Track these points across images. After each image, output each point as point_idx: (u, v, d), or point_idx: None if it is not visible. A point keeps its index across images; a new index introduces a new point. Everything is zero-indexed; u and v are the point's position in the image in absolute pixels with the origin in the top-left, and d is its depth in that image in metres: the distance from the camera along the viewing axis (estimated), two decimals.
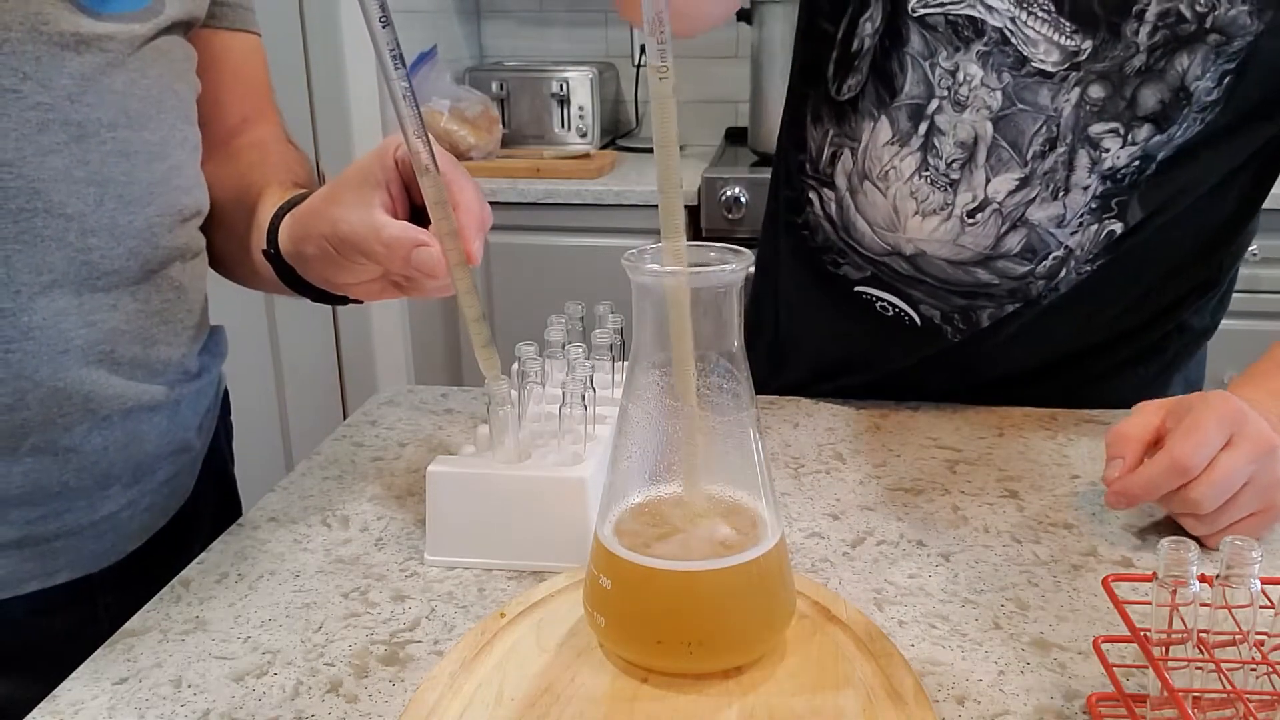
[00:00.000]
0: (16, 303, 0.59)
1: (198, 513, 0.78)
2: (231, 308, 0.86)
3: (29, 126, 0.58)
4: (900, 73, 0.79)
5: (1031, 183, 0.77)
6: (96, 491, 0.66)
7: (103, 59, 0.61)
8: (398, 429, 0.84)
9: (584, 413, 0.62)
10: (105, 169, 0.62)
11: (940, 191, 0.79)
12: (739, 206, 1.99)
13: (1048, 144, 0.76)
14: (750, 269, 0.48)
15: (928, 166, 0.79)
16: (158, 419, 0.69)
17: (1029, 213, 0.78)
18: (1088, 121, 0.75)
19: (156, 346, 0.68)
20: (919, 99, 0.79)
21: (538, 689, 0.49)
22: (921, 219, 0.80)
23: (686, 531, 0.50)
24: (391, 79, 0.54)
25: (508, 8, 2.57)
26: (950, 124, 0.78)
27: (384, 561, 0.64)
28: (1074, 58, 0.74)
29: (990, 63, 0.76)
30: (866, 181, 0.82)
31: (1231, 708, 0.44)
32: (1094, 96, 0.74)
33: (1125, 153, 0.76)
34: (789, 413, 0.85)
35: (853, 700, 0.48)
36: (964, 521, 0.68)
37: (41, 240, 0.60)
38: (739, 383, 0.48)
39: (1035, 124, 0.76)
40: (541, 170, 2.11)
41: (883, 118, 0.80)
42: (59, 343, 0.61)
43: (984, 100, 0.76)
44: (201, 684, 0.53)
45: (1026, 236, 0.78)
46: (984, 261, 0.80)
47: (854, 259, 0.86)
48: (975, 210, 0.78)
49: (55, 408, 0.62)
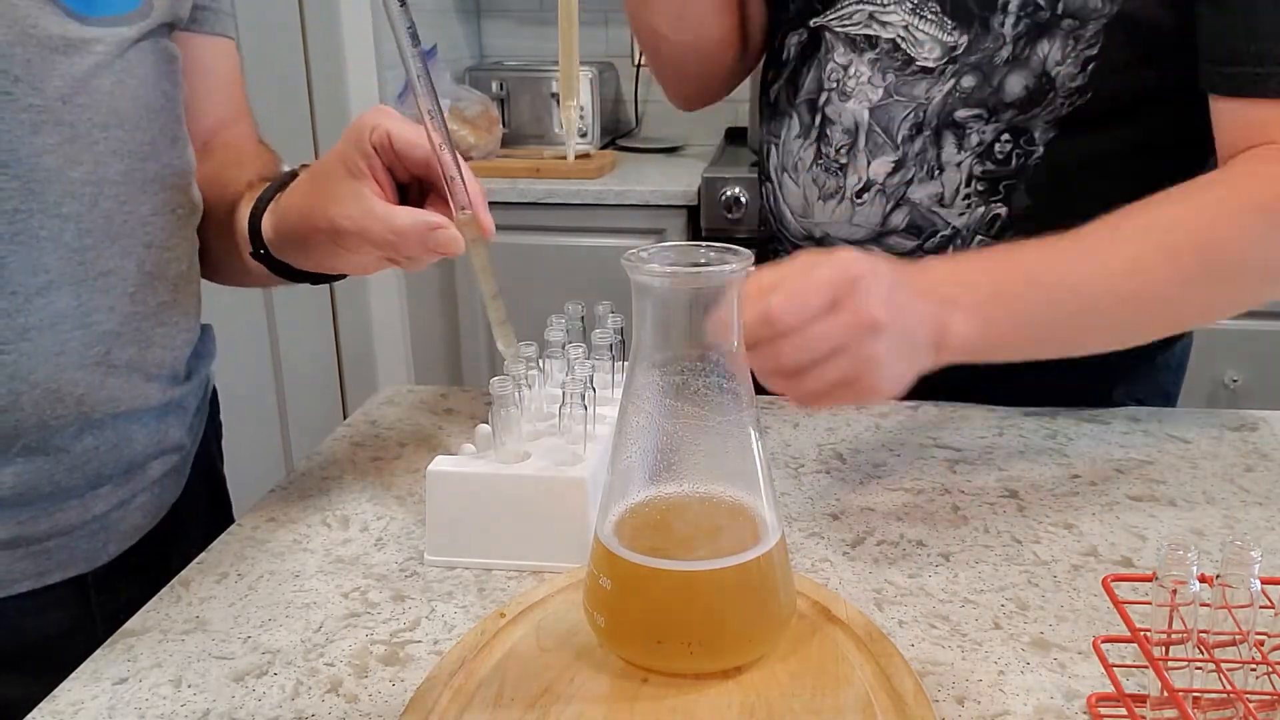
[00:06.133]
0: (13, 303, 0.59)
1: (189, 512, 0.78)
2: (231, 307, 0.86)
3: (23, 128, 0.59)
4: (805, 73, 0.88)
5: (906, 164, 0.82)
6: (87, 491, 0.66)
7: (92, 61, 0.62)
8: (398, 429, 0.84)
9: (584, 413, 0.62)
10: (99, 169, 0.63)
11: (833, 177, 0.85)
12: (739, 206, 1.99)
13: (914, 128, 0.81)
14: (750, 269, 0.48)
15: (821, 155, 0.86)
16: (148, 420, 0.70)
17: (909, 192, 0.83)
18: (954, 107, 0.80)
19: (152, 349, 0.68)
20: (812, 94, 0.87)
21: (538, 689, 0.49)
22: (823, 203, 0.87)
23: (686, 531, 0.50)
24: (408, 56, 0.57)
25: (508, 8, 2.57)
26: (837, 113, 0.85)
27: (384, 561, 0.64)
28: (951, 52, 0.80)
29: (878, 66, 0.83)
30: (784, 173, 0.90)
31: (1231, 708, 0.45)
32: (965, 86, 0.79)
33: (990, 128, 0.79)
34: (789, 413, 0.85)
35: (853, 700, 0.48)
36: (964, 521, 0.68)
37: (38, 241, 0.60)
38: (739, 383, 0.48)
39: (905, 111, 0.82)
40: (541, 170, 2.11)
41: (793, 114, 0.89)
42: (55, 344, 0.61)
43: (866, 94, 0.83)
44: (201, 684, 0.53)
45: (910, 215, 0.83)
46: (876, 239, 0.85)
47: (786, 245, 0.93)
48: (862, 190, 0.84)
49: (49, 409, 0.62)
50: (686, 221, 2.05)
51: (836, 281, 0.57)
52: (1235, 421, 0.82)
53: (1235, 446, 0.78)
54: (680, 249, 0.48)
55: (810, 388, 0.59)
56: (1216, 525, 0.67)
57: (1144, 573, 0.51)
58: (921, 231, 0.84)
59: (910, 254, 0.84)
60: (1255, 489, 0.72)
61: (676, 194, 2.03)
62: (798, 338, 0.56)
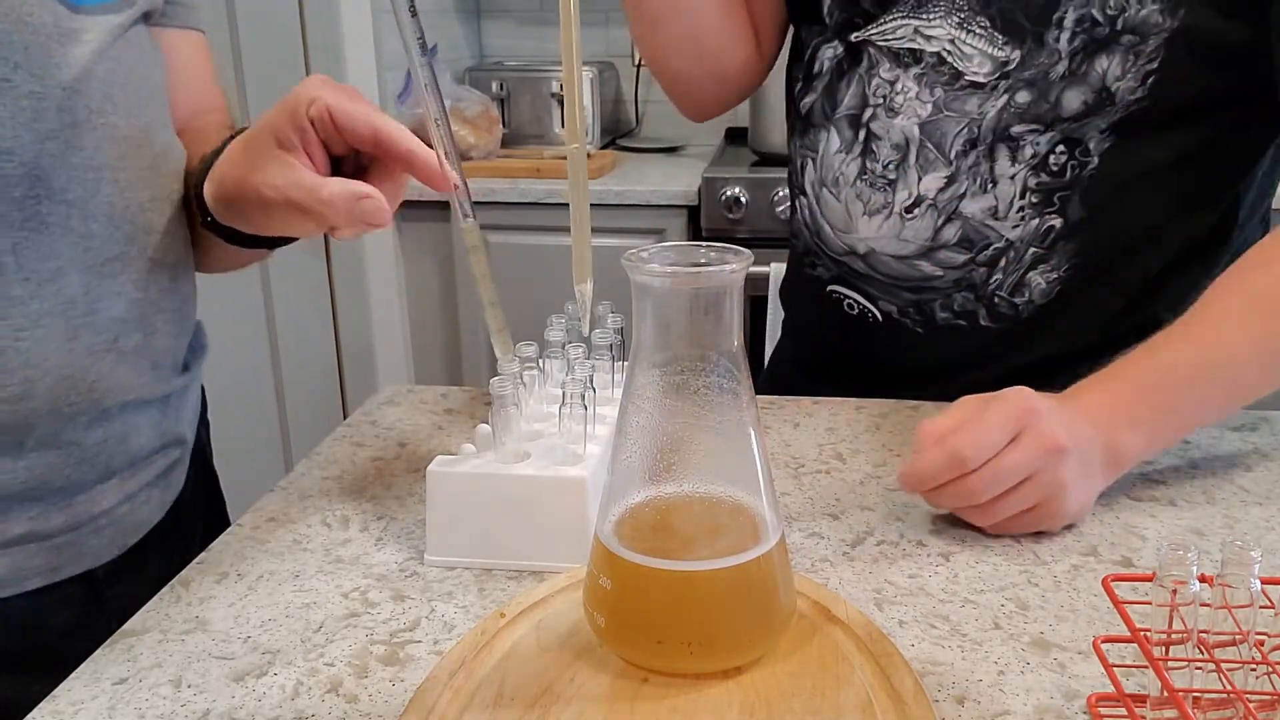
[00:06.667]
0: (27, 289, 0.60)
1: (190, 507, 0.79)
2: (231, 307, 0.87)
3: (25, 115, 0.59)
4: (844, 88, 0.86)
5: (958, 178, 0.82)
6: (95, 485, 0.67)
7: (87, 49, 0.63)
8: (398, 429, 0.84)
9: (584, 413, 0.62)
10: (99, 154, 0.63)
11: (880, 192, 0.85)
12: (739, 206, 1.99)
13: (968, 144, 0.81)
14: (750, 268, 0.48)
15: (866, 170, 0.85)
16: (151, 412, 0.70)
17: (962, 206, 0.82)
18: (1009, 123, 0.79)
19: (157, 335, 0.69)
20: (854, 109, 0.86)
21: (538, 689, 0.49)
22: (868, 218, 0.86)
23: (686, 531, 0.50)
24: (416, 65, 0.57)
25: (508, 8, 2.57)
26: (884, 129, 0.84)
27: (384, 561, 0.64)
28: (1004, 67, 0.79)
29: (925, 81, 0.82)
30: (824, 188, 0.89)
31: (1231, 708, 0.44)
32: (1020, 102, 0.79)
33: (1045, 139, 0.79)
34: (789, 413, 0.85)
35: (853, 700, 0.48)
36: (964, 521, 0.68)
37: (47, 226, 0.61)
38: (739, 383, 0.48)
39: (958, 127, 0.81)
40: (541, 170, 2.11)
41: (831, 129, 0.88)
42: (68, 331, 0.62)
43: (914, 109, 0.82)
44: (201, 684, 0.53)
45: (962, 229, 0.83)
46: (926, 254, 0.84)
47: (825, 260, 0.92)
48: (912, 206, 0.84)
49: (62, 397, 0.63)
50: (686, 221, 2.05)
51: (1016, 414, 0.62)
52: (1235, 421, 0.82)
53: (1235, 446, 0.78)
54: (680, 249, 0.48)
55: (1001, 516, 0.64)
56: (1216, 525, 0.67)
57: (1144, 573, 0.51)
58: (974, 245, 0.83)
59: (961, 267, 0.84)
60: (1255, 489, 0.72)
61: (676, 194, 2.03)
62: (987, 471, 0.62)
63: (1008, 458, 0.62)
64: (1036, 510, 0.64)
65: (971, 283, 0.84)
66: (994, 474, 0.62)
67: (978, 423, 0.62)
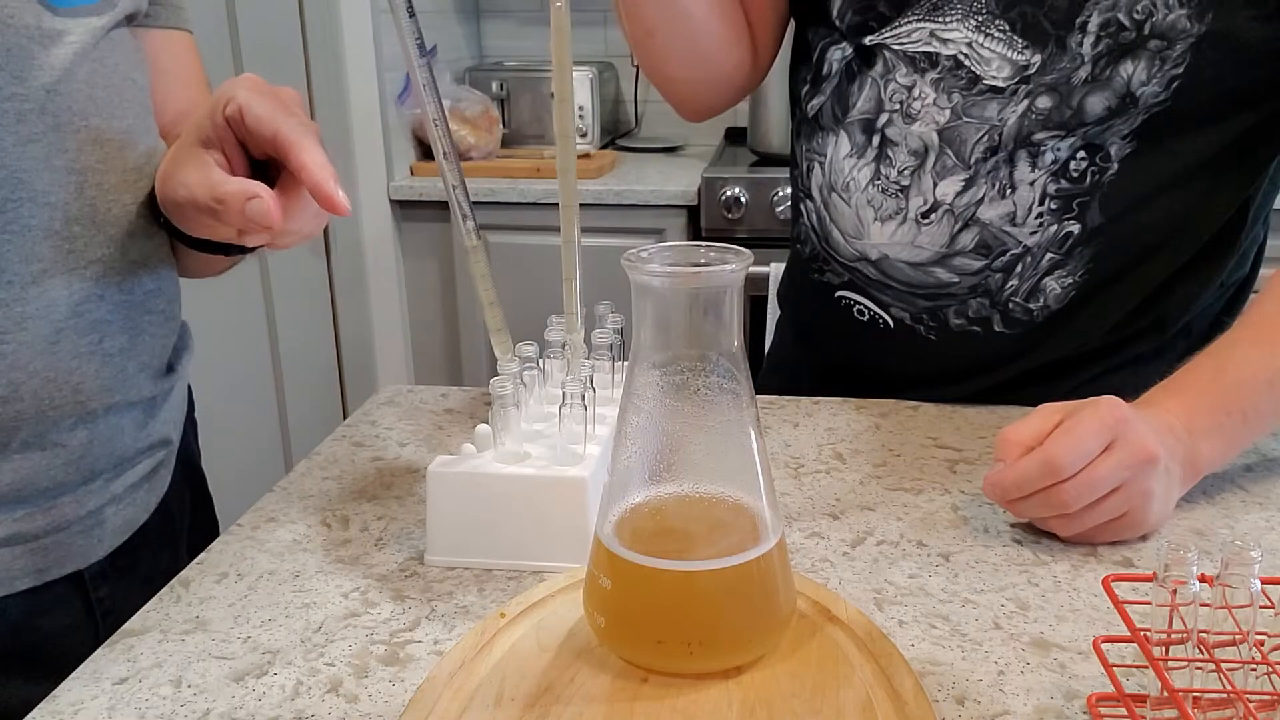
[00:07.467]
0: (10, 293, 0.60)
1: (177, 508, 0.79)
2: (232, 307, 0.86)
3: (7, 117, 0.59)
4: (856, 91, 0.85)
5: (977, 183, 0.81)
6: (80, 486, 0.67)
7: (69, 51, 0.62)
8: (398, 429, 0.84)
9: (584, 413, 0.62)
10: (82, 157, 0.63)
11: (893, 198, 0.83)
12: (739, 206, 1.99)
13: (989, 150, 0.79)
14: (750, 268, 0.48)
15: (880, 175, 0.84)
16: (136, 414, 0.70)
17: (979, 212, 0.81)
18: (1031, 130, 0.78)
19: (141, 336, 0.69)
20: (868, 114, 0.84)
21: (538, 689, 0.49)
22: (881, 224, 0.85)
23: (686, 531, 0.50)
24: (415, 66, 0.57)
25: (508, 8, 2.57)
26: (900, 135, 0.82)
27: (384, 561, 0.64)
28: (1024, 72, 0.77)
29: (942, 86, 0.80)
30: (833, 193, 0.88)
31: (1231, 708, 0.44)
32: (1041, 107, 0.77)
33: (1066, 145, 0.78)
34: (789, 413, 0.85)
35: (853, 700, 0.48)
36: (964, 521, 0.68)
37: (29, 229, 0.61)
38: (739, 383, 0.48)
39: (978, 133, 0.80)
40: (541, 170, 2.11)
41: (841, 133, 0.86)
42: (51, 333, 0.62)
43: (932, 116, 0.81)
44: (201, 684, 0.53)
45: (979, 234, 0.82)
46: (941, 260, 0.83)
47: (834, 266, 0.91)
48: (928, 212, 0.83)
49: (47, 399, 0.63)
50: (686, 221, 2.05)
51: (1110, 422, 0.61)
52: None
53: None
54: (680, 249, 0.48)
55: (1088, 525, 0.63)
56: (1216, 525, 0.67)
57: (1144, 573, 0.51)
58: (991, 250, 0.82)
59: (977, 273, 0.83)
60: (1255, 489, 0.72)
61: (676, 194, 2.03)
62: (1081, 479, 0.61)
63: (1102, 466, 0.61)
64: (1121, 519, 0.63)
65: (987, 289, 0.83)
66: (1088, 482, 0.61)
67: (1071, 430, 0.61)
